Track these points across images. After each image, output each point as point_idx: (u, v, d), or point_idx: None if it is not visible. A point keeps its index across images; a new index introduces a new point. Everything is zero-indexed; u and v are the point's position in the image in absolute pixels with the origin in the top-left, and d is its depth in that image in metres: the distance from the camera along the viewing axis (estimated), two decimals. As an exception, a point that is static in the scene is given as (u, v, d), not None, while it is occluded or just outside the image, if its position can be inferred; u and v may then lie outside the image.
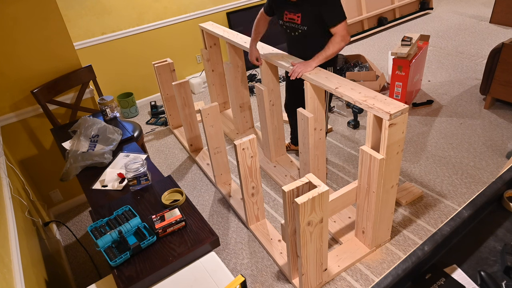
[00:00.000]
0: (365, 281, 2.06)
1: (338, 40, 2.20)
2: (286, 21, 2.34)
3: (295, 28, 2.32)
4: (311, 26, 2.24)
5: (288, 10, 2.30)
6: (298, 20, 2.27)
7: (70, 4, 3.47)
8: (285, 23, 2.37)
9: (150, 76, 4.21)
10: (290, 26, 2.34)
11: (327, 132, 2.85)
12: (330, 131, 3.38)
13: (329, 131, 3.38)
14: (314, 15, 2.19)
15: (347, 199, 2.06)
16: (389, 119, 1.72)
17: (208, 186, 2.91)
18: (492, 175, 2.64)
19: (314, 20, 2.21)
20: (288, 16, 2.31)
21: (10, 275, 1.29)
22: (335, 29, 2.19)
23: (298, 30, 2.31)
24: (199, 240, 1.43)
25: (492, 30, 5.00)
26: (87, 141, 2.06)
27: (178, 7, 4.09)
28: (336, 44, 2.21)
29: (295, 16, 2.27)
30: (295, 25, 2.30)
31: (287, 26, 2.36)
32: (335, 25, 2.18)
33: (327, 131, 3.26)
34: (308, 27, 2.25)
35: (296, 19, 2.27)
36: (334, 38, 2.21)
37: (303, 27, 2.27)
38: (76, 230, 2.68)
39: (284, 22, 2.36)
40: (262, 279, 2.14)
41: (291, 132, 3.04)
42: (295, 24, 2.29)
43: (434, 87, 3.83)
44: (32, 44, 2.35)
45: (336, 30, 2.19)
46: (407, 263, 0.91)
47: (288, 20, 2.33)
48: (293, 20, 2.29)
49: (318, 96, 2.24)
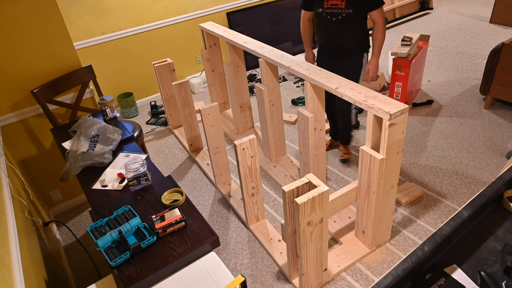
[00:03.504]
0: (365, 281, 2.06)
1: (382, 27, 2.34)
2: (327, 7, 2.40)
3: (337, 13, 2.37)
4: (356, 9, 2.33)
5: None
6: (343, 4, 2.33)
7: (70, 4, 3.47)
8: (325, 10, 2.41)
9: (150, 76, 4.21)
10: (332, 12, 2.39)
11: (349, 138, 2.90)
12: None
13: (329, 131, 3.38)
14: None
15: (347, 199, 2.06)
16: (389, 119, 1.72)
17: (208, 186, 2.91)
18: (492, 175, 2.64)
19: (358, 3, 2.31)
20: (330, 2, 2.37)
21: (10, 275, 1.29)
22: (376, 12, 2.32)
23: (342, 14, 2.36)
24: (199, 240, 1.43)
25: (492, 30, 5.00)
26: (87, 141, 2.06)
27: (178, 7, 4.09)
28: (383, 31, 2.35)
29: (338, 0, 2.34)
30: (338, 9, 2.36)
31: (328, 12, 2.40)
32: (376, 8, 2.30)
33: (327, 131, 3.26)
34: (353, 9, 2.33)
35: (340, 3, 2.34)
36: (378, 26, 2.35)
37: (348, 10, 2.34)
38: (76, 230, 2.68)
39: (324, 9, 2.41)
40: (262, 279, 2.14)
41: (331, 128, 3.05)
42: (338, 9, 2.36)
43: (434, 87, 3.83)
44: (32, 44, 2.35)
45: (377, 14, 2.31)
46: (407, 263, 0.91)
47: (329, 6, 2.39)
48: (336, 5, 2.36)
49: (318, 96, 2.24)
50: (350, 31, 2.43)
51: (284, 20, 4.86)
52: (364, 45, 2.50)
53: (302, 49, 5.10)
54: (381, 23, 2.33)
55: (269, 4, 4.68)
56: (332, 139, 3.10)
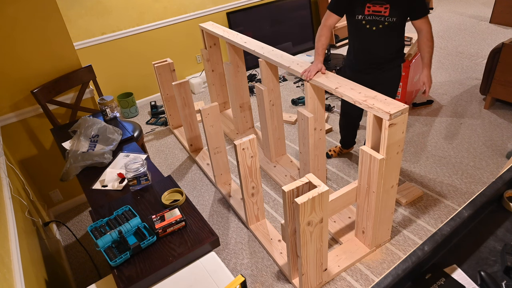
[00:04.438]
0: (365, 281, 2.06)
1: (431, 36, 2.15)
2: (368, 14, 2.18)
3: (379, 21, 2.18)
4: (400, 18, 2.15)
5: (371, 2, 2.16)
6: (386, 12, 2.14)
7: (70, 4, 3.47)
8: (365, 17, 2.20)
9: (150, 76, 4.21)
10: (373, 19, 2.18)
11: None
12: (330, 131, 3.38)
13: (329, 131, 3.38)
14: (404, 5, 2.11)
15: (347, 199, 2.06)
16: (389, 119, 1.72)
17: (208, 186, 2.91)
18: (492, 175, 2.64)
19: (403, 11, 2.13)
20: (372, 8, 2.17)
21: (10, 275, 1.29)
22: (423, 20, 2.13)
23: (384, 23, 2.17)
24: (199, 240, 1.43)
25: (492, 30, 5.00)
26: (87, 141, 2.06)
27: (178, 7, 4.09)
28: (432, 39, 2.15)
29: (382, 8, 2.14)
30: (381, 17, 2.16)
31: (368, 20, 2.19)
32: (423, 16, 2.12)
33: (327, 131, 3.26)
34: (397, 18, 2.15)
35: (383, 11, 2.15)
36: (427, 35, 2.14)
37: (392, 19, 2.15)
38: (76, 230, 2.68)
39: (365, 16, 2.19)
40: (262, 279, 2.14)
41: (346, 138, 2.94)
42: (381, 16, 2.16)
43: (434, 87, 3.83)
44: (32, 44, 2.35)
45: (423, 22, 2.13)
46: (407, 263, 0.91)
47: (371, 13, 2.18)
48: (379, 12, 2.16)
49: (318, 96, 2.24)
50: (390, 41, 2.24)
51: (284, 20, 4.86)
52: (402, 55, 2.34)
53: (302, 49, 5.10)
54: (429, 31, 2.14)
55: (269, 4, 4.68)
56: (342, 147, 3.02)
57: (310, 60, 4.48)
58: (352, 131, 2.85)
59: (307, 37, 5.10)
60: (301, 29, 5.02)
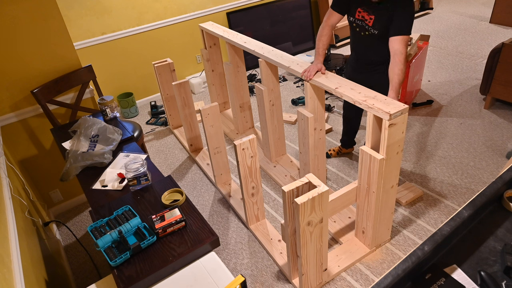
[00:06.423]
0: (365, 281, 2.06)
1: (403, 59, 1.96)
2: (358, 18, 2.19)
3: (365, 28, 2.19)
4: (381, 31, 2.11)
5: (362, 7, 2.14)
6: (370, 22, 2.12)
7: (70, 4, 3.47)
8: (355, 20, 2.21)
9: (150, 76, 4.21)
10: (361, 24, 2.19)
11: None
12: (330, 131, 3.38)
13: (329, 131, 3.38)
14: (386, 19, 2.05)
15: (347, 199, 2.06)
16: (389, 119, 1.72)
17: (208, 186, 2.91)
18: (492, 175, 2.64)
19: (385, 25, 2.07)
20: (361, 14, 2.16)
21: (10, 275, 1.29)
22: (397, 38, 1.98)
23: (368, 32, 2.18)
24: (199, 240, 1.43)
25: (492, 30, 5.00)
26: (87, 141, 2.06)
27: (178, 7, 4.09)
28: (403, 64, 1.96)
29: (368, 16, 2.13)
30: (366, 25, 2.17)
31: (357, 24, 2.21)
32: (399, 34, 1.98)
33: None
34: (378, 31, 2.12)
35: (368, 19, 2.13)
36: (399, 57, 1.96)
37: (373, 31, 2.14)
38: (76, 230, 2.68)
39: (355, 19, 2.20)
40: (262, 279, 2.14)
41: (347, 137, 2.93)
42: (366, 25, 2.16)
43: (434, 87, 3.83)
44: (32, 44, 2.35)
45: (397, 41, 1.98)
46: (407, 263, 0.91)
47: (360, 18, 2.18)
48: (365, 20, 2.15)
49: (318, 96, 2.24)
50: (378, 47, 2.21)
51: (284, 20, 4.86)
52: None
53: (302, 49, 5.10)
54: (402, 54, 1.96)
55: (269, 4, 4.68)
56: (341, 146, 3.02)
57: (310, 60, 4.48)
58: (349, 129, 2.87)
59: (307, 37, 5.10)
60: (301, 29, 5.03)
